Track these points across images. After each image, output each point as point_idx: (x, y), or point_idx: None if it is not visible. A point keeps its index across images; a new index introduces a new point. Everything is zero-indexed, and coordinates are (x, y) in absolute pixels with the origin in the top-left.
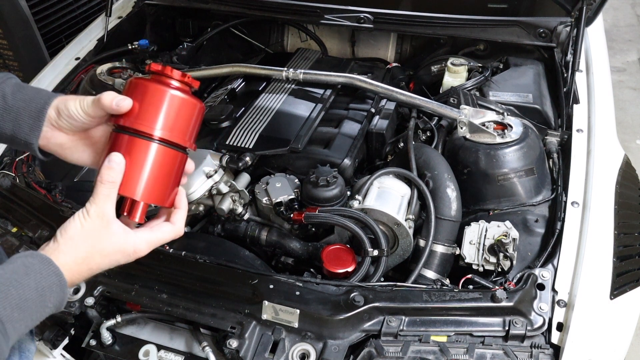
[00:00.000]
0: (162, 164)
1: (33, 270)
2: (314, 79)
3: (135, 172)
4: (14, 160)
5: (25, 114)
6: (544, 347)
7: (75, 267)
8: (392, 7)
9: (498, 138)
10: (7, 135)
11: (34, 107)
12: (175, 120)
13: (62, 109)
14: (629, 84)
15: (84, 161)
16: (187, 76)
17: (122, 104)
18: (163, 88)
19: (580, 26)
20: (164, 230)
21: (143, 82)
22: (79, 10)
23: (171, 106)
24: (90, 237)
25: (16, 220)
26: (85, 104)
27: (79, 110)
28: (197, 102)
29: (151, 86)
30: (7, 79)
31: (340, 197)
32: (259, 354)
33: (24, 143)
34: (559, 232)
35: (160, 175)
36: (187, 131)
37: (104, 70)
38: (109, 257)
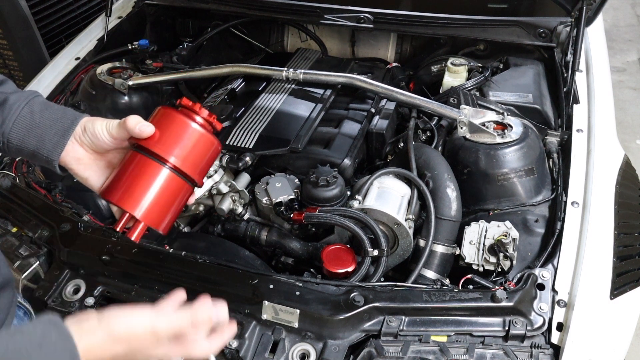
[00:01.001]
0: (168, 190)
1: (47, 343)
2: (314, 79)
3: (141, 191)
4: (14, 160)
5: (51, 132)
6: (544, 347)
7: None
8: (392, 7)
9: (498, 138)
10: (30, 150)
11: (60, 126)
12: (190, 153)
13: (89, 127)
14: (629, 84)
15: (92, 180)
16: (213, 117)
17: (144, 129)
18: (188, 121)
19: (580, 26)
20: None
21: (170, 112)
22: (79, 10)
23: (190, 139)
24: (131, 343)
25: (16, 220)
26: (110, 125)
27: (104, 131)
28: (215, 141)
29: (177, 117)
30: (35, 96)
31: (340, 197)
32: (259, 354)
33: (45, 159)
34: (559, 232)
35: (163, 200)
36: (199, 166)
37: (104, 70)
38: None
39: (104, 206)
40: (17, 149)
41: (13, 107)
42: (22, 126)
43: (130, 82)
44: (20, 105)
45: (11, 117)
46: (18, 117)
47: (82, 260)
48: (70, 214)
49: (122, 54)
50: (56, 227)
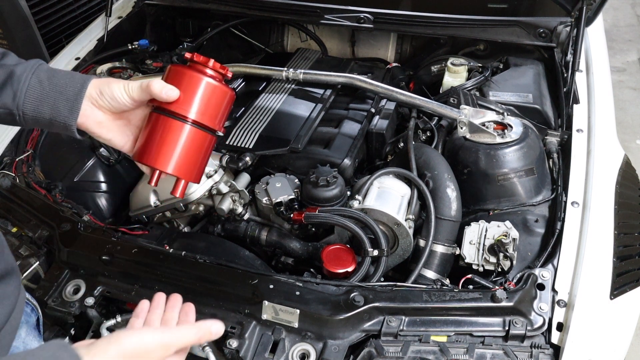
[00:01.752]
0: (193, 143)
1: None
2: (314, 79)
3: (170, 148)
4: (14, 160)
5: (63, 98)
6: (544, 347)
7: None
8: (392, 7)
9: (498, 138)
10: (46, 119)
11: (71, 90)
12: (208, 106)
13: (106, 90)
14: (629, 84)
15: (116, 141)
16: (223, 67)
17: (171, 93)
18: (200, 76)
19: (580, 26)
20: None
21: (183, 70)
22: (79, 10)
23: (206, 93)
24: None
25: (16, 220)
26: (130, 88)
27: (124, 93)
28: (228, 90)
29: (189, 73)
30: (40, 64)
31: (340, 197)
32: (259, 354)
33: (63, 125)
34: (559, 232)
35: (190, 153)
36: (217, 115)
37: (104, 70)
38: None
39: (104, 206)
40: (33, 120)
41: (21, 79)
42: (34, 96)
43: None
44: (28, 76)
45: (22, 89)
46: (28, 88)
47: (82, 260)
48: (70, 214)
49: (122, 54)
50: (56, 227)
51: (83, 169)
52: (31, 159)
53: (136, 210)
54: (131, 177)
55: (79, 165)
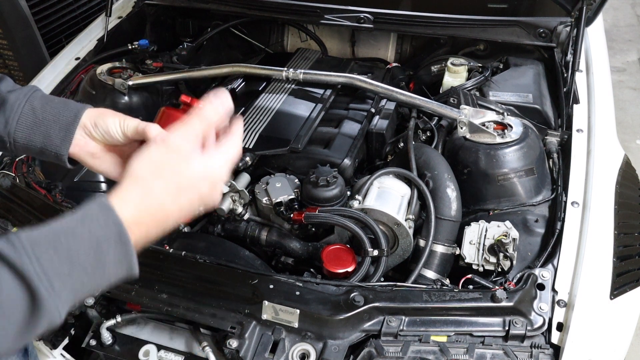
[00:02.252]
0: None
1: (89, 217)
2: (314, 79)
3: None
4: (14, 160)
5: (56, 127)
6: (544, 347)
7: (143, 215)
8: (392, 7)
9: (498, 138)
10: (37, 147)
11: (64, 120)
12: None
13: (100, 123)
14: (629, 84)
15: (110, 172)
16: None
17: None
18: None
19: (580, 26)
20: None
21: (174, 113)
22: (79, 10)
23: None
24: (162, 172)
25: (16, 220)
26: (125, 126)
27: (118, 130)
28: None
29: (181, 117)
30: (34, 91)
31: (340, 197)
32: (259, 354)
33: (54, 155)
34: (559, 232)
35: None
36: None
37: (104, 70)
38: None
39: None
40: (24, 148)
41: (14, 106)
42: (26, 124)
43: (130, 82)
44: (21, 104)
45: (14, 117)
46: (21, 116)
47: None
48: None
49: (122, 54)
50: None
51: (83, 169)
52: (31, 159)
53: None
54: None
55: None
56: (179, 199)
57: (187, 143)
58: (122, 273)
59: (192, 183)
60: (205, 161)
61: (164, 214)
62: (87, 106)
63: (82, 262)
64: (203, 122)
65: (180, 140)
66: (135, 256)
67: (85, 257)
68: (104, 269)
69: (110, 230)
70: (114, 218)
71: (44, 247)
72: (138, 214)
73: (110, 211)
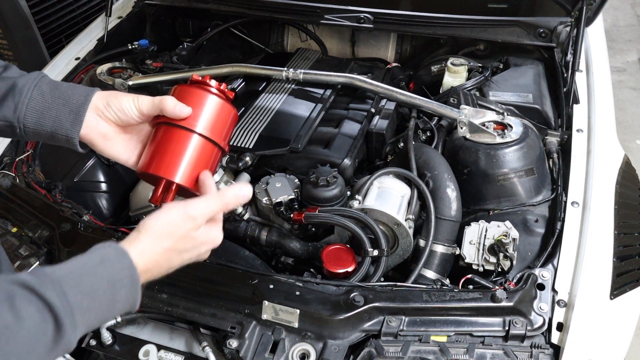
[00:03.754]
0: (203, 156)
1: (107, 260)
2: (314, 79)
3: (176, 158)
4: (14, 160)
5: (65, 111)
6: (544, 347)
7: (152, 264)
8: (392, 7)
9: (498, 138)
10: (47, 132)
11: (74, 103)
12: (215, 122)
13: (113, 102)
14: (629, 84)
15: (120, 155)
16: (225, 85)
17: (183, 110)
18: (208, 94)
19: (580, 26)
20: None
21: (188, 88)
22: (79, 10)
23: (211, 108)
24: (175, 234)
25: (16, 220)
26: (140, 102)
27: (132, 107)
28: (232, 109)
29: (196, 91)
30: (42, 77)
31: (340, 197)
32: (259, 354)
33: (65, 138)
34: (559, 232)
35: (200, 165)
36: (223, 132)
37: (104, 70)
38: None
39: (104, 206)
40: (34, 133)
41: (23, 91)
42: (36, 109)
43: (130, 82)
44: (30, 88)
45: (23, 101)
46: (30, 101)
47: None
48: (70, 214)
49: (122, 54)
50: (56, 227)
51: (83, 169)
52: (31, 159)
53: (136, 210)
54: (131, 177)
55: (79, 165)
56: (182, 257)
57: (201, 217)
58: (127, 309)
59: (196, 246)
60: (209, 231)
61: (168, 266)
62: (96, 89)
63: (100, 299)
64: (222, 205)
65: (198, 212)
66: (140, 296)
67: (103, 295)
68: (114, 305)
69: (124, 273)
70: (129, 263)
71: (69, 284)
72: (148, 263)
73: (126, 257)
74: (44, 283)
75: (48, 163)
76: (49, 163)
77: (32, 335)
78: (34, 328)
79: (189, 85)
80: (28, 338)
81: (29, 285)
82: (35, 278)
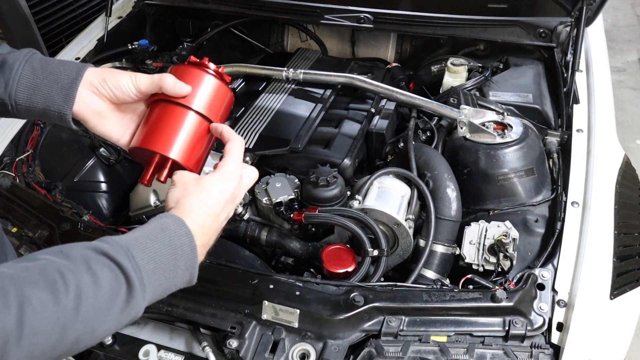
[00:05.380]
0: (198, 133)
1: (168, 228)
2: (314, 79)
3: (172, 134)
4: (14, 160)
5: (57, 87)
6: (544, 347)
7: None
8: (392, 7)
9: (498, 138)
10: (39, 109)
11: (65, 78)
12: (212, 100)
13: (109, 78)
14: (629, 84)
15: (113, 133)
16: (222, 68)
17: (183, 88)
18: (205, 73)
19: (580, 26)
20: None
21: (186, 68)
22: (79, 10)
23: (208, 87)
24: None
25: (16, 220)
26: (138, 80)
27: (130, 84)
28: (229, 90)
29: (194, 70)
30: (33, 53)
31: (340, 197)
32: (259, 354)
33: (57, 115)
34: (559, 232)
35: (195, 142)
36: (219, 111)
37: None
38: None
39: (104, 206)
40: (26, 110)
41: (13, 68)
42: (27, 85)
43: None
44: (21, 64)
45: (14, 78)
46: (21, 77)
47: None
48: (70, 214)
49: (122, 54)
50: (56, 227)
51: (83, 169)
52: (31, 159)
53: (136, 210)
54: (131, 177)
55: (79, 165)
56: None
57: (238, 169)
58: (186, 280)
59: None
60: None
61: (220, 226)
62: (89, 65)
63: (163, 264)
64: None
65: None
66: (198, 266)
67: (166, 260)
68: (176, 273)
69: (183, 240)
70: (186, 230)
71: (137, 248)
72: (202, 236)
73: (183, 224)
74: (114, 248)
75: (48, 163)
76: (49, 163)
77: (108, 295)
78: (108, 288)
79: (186, 65)
80: (105, 298)
81: (101, 250)
82: (105, 244)
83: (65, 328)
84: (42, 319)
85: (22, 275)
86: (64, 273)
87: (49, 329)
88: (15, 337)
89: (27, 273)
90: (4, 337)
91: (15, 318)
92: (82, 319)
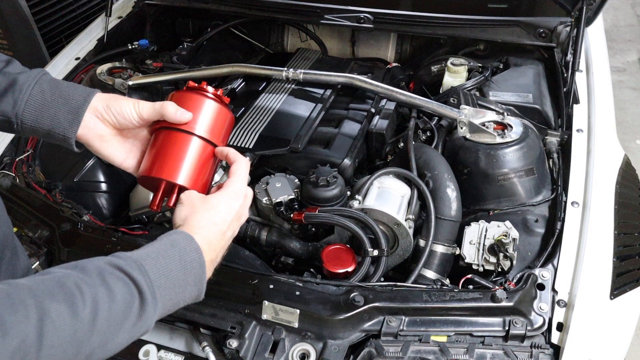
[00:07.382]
0: (203, 158)
1: (178, 244)
2: (314, 79)
3: (178, 161)
4: (14, 160)
5: (64, 110)
6: (544, 347)
7: (212, 250)
8: (392, 7)
9: (498, 138)
10: (44, 130)
11: (73, 102)
12: (213, 125)
13: (113, 105)
14: (629, 84)
15: (114, 157)
16: (220, 91)
17: (184, 115)
18: (203, 98)
19: (580, 26)
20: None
21: (186, 94)
22: (79, 10)
23: (209, 112)
24: (229, 215)
25: (16, 220)
26: (140, 107)
27: (133, 111)
28: (229, 112)
29: (193, 96)
30: (43, 74)
31: (340, 197)
32: (259, 354)
33: (62, 137)
34: (559, 232)
35: (197, 165)
36: (221, 134)
37: (104, 70)
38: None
39: (104, 206)
40: (31, 129)
41: (23, 88)
42: (35, 106)
43: (130, 82)
44: (30, 85)
45: (23, 98)
46: (29, 98)
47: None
48: (70, 214)
49: (122, 54)
50: (56, 227)
51: (83, 169)
52: (31, 159)
53: (136, 210)
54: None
55: (79, 165)
56: (233, 225)
57: (243, 189)
58: (194, 295)
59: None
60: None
61: (226, 244)
62: (96, 90)
63: (173, 279)
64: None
65: (239, 187)
66: (206, 282)
67: (176, 275)
68: (185, 288)
69: (192, 256)
70: (196, 246)
71: (148, 263)
72: (210, 251)
73: (193, 240)
74: (128, 263)
75: (48, 163)
76: (49, 163)
77: (122, 309)
78: (122, 301)
79: (186, 90)
80: (119, 311)
81: (115, 264)
82: (119, 259)
83: (82, 341)
84: (61, 331)
85: (40, 287)
86: (80, 286)
87: (67, 341)
88: (35, 350)
89: (44, 285)
90: (25, 349)
91: (36, 330)
92: (97, 332)
